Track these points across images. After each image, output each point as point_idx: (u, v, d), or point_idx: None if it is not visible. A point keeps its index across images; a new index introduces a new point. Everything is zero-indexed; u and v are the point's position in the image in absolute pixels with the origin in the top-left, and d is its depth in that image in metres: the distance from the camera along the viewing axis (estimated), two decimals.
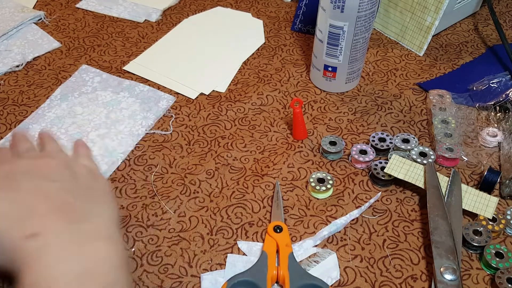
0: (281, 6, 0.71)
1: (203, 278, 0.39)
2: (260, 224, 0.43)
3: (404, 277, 0.39)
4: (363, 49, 0.53)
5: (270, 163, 0.48)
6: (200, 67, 0.60)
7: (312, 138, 0.51)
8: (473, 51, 0.62)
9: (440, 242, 0.39)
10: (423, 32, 0.60)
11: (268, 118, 0.53)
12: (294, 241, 0.42)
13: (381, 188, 0.46)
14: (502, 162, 0.47)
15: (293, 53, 0.62)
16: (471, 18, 0.68)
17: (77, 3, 0.71)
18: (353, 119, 0.53)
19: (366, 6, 0.48)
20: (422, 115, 0.53)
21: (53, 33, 0.66)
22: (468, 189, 0.44)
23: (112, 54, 0.62)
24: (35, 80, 0.58)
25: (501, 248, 0.40)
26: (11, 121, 0.53)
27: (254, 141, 0.51)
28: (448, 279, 0.37)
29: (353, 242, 0.42)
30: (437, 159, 0.48)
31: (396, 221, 0.43)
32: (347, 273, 0.40)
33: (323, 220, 0.43)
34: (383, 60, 0.61)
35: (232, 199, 0.45)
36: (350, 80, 0.55)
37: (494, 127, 0.50)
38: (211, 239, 0.42)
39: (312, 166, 0.48)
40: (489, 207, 0.42)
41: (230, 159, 0.49)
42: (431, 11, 0.58)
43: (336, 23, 0.50)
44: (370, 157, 0.47)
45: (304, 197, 0.45)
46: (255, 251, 0.41)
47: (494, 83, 0.55)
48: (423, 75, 0.58)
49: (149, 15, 0.69)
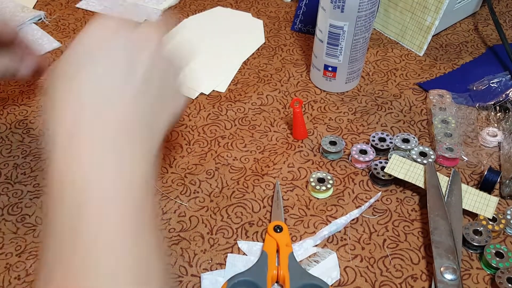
0: (281, 6, 0.71)
1: (203, 278, 0.39)
2: (260, 224, 0.43)
3: (404, 277, 0.39)
4: (363, 49, 0.53)
5: (270, 163, 0.48)
6: (200, 67, 0.60)
7: (312, 138, 0.51)
8: (473, 51, 0.62)
9: (440, 242, 0.39)
10: (423, 32, 0.60)
11: (268, 118, 0.53)
12: (294, 241, 0.42)
13: (381, 188, 0.46)
14: (502, 162, 0.47)
15: (293, 53, 0.62)
16: (471, 18, 0.68)
17: (77, 3, 0.71)
18: (353, 119, 0.53)
19: (366, 6, 0.48)
20: (422, 115, 0.53)
21: (53, 33, 0.66)
22: (468, 189, 0.44)
23: None
24: (35, 80, 0.58)
25: (501, 248, 0.40)
26: (11, 121, 0.53)
27: (254, 141, 0.51)
28: (448, 278, 0.37)
29: (353, 242, 0.42)
30: (437, 159, 0.48)
31: (396, 221, 0.43)
32: (347, 273, 0.40)
33: (323, 220, 0.43)
34: (383, 60, 0.61)
35: (232, 198, 0.45)
36: (350, 80, 0.55)
37: (494, 127, 0.50)
38: (211, 238, 0.42)
39: (312, 166, 0.48)
40: (489, 207, 0.42)
41: (230, 159, 0.49)
42: (431, 11, 0.58)
43: (336, 23, 0.50)
44: (370, 157, 0.47)
45: (304, 197, 0.45)
46: (255, 251, 0.41)
47: (494, 83, 0.55)
48: (423, 75, 0.58)
49: (149, 15, 0.69)
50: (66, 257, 0.26)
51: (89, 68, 0.32)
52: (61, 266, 0.26)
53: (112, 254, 0.26)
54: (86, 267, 0.26)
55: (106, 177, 0.28)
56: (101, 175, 0.28)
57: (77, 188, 0.28)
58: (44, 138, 0.31)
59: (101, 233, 0.27)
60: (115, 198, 0.28)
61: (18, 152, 0.50)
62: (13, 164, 0.48)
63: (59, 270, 0.26)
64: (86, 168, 0.28)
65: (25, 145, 0.50)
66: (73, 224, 0.27)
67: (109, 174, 0.29)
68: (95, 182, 0.28)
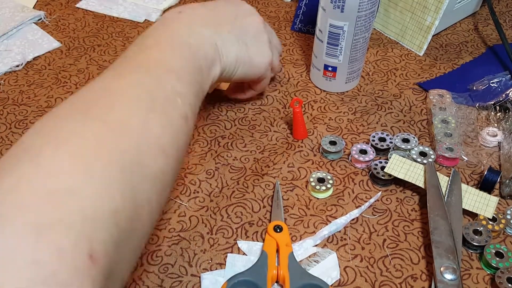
0: (281, 6, 0.71)
1: (203, 278, 0.39)
2: (260, 224, 0.43)
3: (404, 277, 0.39)
4: (363, 49, 0.53)
5: (270, 163, 0.48)
6: None
7: (312, 138, 0.51)
8: (473, 51, 0.62)
9: (440, 242, 0.39)
10: (423, 32, 0.60)
11: (268, 118, 0.53)
12: (294, 240, 0.42)
13: (381, 188, 0.46)
14: (502, 162, 0.47)
15: (293, 53, 0.62)
16: (471, 18, 0.68)
17: (77, 3, 0.71)
18: (353, 119, 0.53)
19: (366, 6, 0.48)
20: (422, 114, 0.53)
21: (53, 33, 0.66)
22: (468, 188, 0.44)
23: (112, 54, 0.62)
24: (35, 80, 0.58)
25: (501, 247, 0.40)
26: (11, 121, 0.53)
27: (254, 141, 0.51)
28: (448, 278, 0.37)
29: (353, 242, 0.42)
30: (437, 158, 0.48)
31: (396, 220, 0.43)
32: (347, 273, 0.40)
33: (323, 219, 0.43)
34: (383, 60, 0.61)
35: (232, 198, 0.45)
36: (350, 80, 0.55)
37: (494, 127, 0.50)
38: (211, 238, 0.42)
39: (312, 166, 0.48)
40: (489, 206, 0.42)
41: (230, 159, 0.49)
42: (431, 11, 0.58)
43: (336, 23, 0.50)
44: (370, 157, 0.47)
45: (304, 196, 0.45)
46: (255, 251, 0.41)
47: (494, 83, 0.55)
48: (423, 75, 0.58)
49: (149, 15, 0.69)
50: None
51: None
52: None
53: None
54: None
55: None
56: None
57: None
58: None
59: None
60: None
61: None
62: None
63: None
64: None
65: None
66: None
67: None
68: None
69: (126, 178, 0.28)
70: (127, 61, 0.36)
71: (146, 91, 0.33)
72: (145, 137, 0.31)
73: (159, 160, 0.31)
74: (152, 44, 0.38)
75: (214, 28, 0.43)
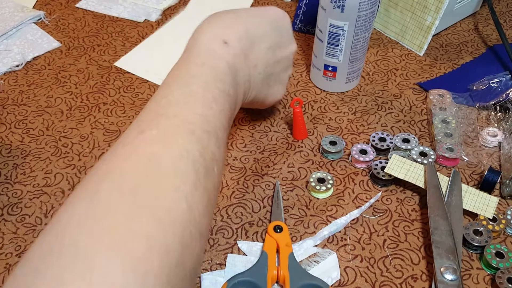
0: (281, 6, 0.71)
1: (203, 278, 0.39)
2: (260, 224, 0.43)
3: (404, 277, 0.39)
4: (363, 49, 0.53)
5: (270, 163, 0.48)
6: None
7: (312, 138, 0.51)
8: (473, 51, 0.62)
9: (440, 242, 0.39)
10: (423, 32, 0.60)
11: (268, 118, 0.53)
12: (294, 241, 0.42)
13: (381, 188, 0.46)
14: (503, 162, 0.47)
15: None
16: (471, 18, 0.68)
17: (77, 2, 0.71)
18: (353, 119, 0.53)
19: (366, 5, 0.48)
20: (422, 115, 0.53)
21: (53, 33, 0.66)
22: (468, 189, 0.44)
23: (112, 54, 0.62)
24: (35, 79, 0.58)
25: (502, 248, 0.39)
26: (11, 121, 0.53)
27: (254, 141, 0.51)
28: (448, 279, 0.37)
29: (353, 242, 0.42)
30: (437, 159, 0.48)
31: (396, 221, 0.43)
32: (347, 273, 0.39)
33: (323, 220, 0.43)
34: (383, 60, 0.61)
35: (232, 198, 0.45)
36: (350, 80, 0.55)
37: (494, 127, 0.50)
38: (211, 238, 0.42)
39: (312, 166, 0.48)
40: (490, 207, 0.42)
41: (230, 159, 0.49)
42: (432, 10, 0.58)
43: (336, 22, 0.50)
44: (370, 157, 0.47)
45: (304, 197, 0.45)
46: (255, 251, 0.41)
47: (494, 83, 0.55)
48: (423, 75, 0.58)
49: (149, 14, 0.69)
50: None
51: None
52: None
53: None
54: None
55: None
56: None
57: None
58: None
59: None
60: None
61: (18, 152, 0.50)
62: (13, 164, 0.48)
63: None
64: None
65: (25, 145, 0.50)
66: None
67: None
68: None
69: (170, 285, 0.25)
70: (171, 109, 0.32)
71: (192, 162, 0.29)
72: (188, 227, 0.27)
73: (197, 248, 0.28)
74: (197, 91, 0.34)
75: (248, 70, 0.41)
